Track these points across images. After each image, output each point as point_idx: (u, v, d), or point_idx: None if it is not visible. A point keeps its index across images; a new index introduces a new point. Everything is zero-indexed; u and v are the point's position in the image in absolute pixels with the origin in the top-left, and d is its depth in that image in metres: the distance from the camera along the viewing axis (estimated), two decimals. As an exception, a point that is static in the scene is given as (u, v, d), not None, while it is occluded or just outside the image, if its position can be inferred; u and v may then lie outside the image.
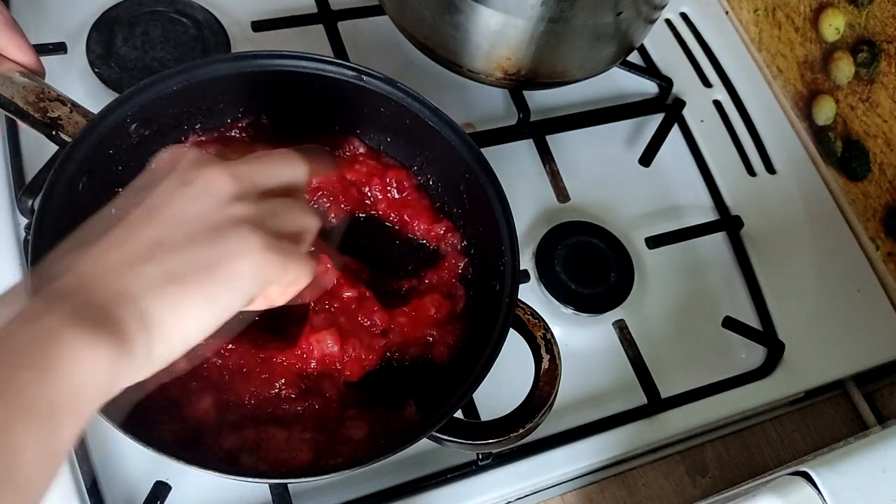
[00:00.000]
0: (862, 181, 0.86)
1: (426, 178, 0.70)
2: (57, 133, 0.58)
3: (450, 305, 0.64)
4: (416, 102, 0.65)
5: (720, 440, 0.75)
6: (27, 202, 0.66)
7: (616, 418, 0.71)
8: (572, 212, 0.80)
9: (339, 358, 0.59)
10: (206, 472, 0.51)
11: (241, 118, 0.67)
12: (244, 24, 0.83)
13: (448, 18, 0.72)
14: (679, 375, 0.74)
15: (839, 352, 0.79)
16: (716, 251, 0.82)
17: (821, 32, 0.87)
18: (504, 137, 0.82)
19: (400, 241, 0.68)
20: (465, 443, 0.56)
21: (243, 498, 0.62)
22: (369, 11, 0.85)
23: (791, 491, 0.55)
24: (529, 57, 0.74)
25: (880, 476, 0.55)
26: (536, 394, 0.58)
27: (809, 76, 0.90)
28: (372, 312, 0.61)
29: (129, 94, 0.61)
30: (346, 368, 0.59)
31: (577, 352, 0.74)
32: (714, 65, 0.94)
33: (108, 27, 0.78)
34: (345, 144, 0.69)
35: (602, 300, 0.74)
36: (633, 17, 0.74)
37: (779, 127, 0.92)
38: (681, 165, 0.87)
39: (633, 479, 0.72)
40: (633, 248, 0.78)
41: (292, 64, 0.65)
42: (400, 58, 0.83)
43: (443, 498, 0.66)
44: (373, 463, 0.53)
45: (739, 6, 0.97)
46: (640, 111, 0.88)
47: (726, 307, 0.79)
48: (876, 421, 0.79)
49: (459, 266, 0.66)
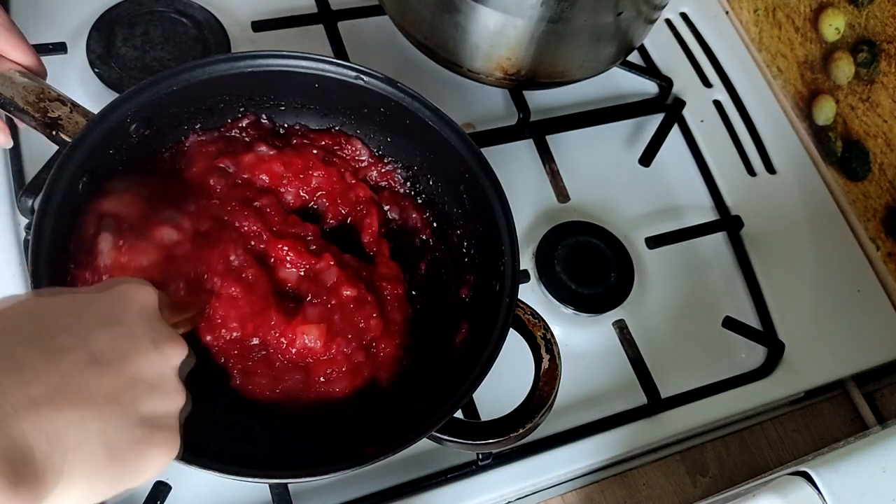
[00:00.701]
0: (862, 181, 0.86)
1: (426, 178, 0.70)
2: (57, 133, 0.58)
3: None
4: (416, 102, 0.65)
5: (720, 440, 0.75)
6: (27, 202, 0.66)
7: (616, 418, 0.71)
8: (572, 212, 0.80)
9: (322, 353, 0.59)
10: (206, 472, 0.51)
11: (241, 118, 0.67)
12: (244, 24, 0.83)
13: (448, 18, 0.72)
14: (679, 375, 0.74)
15: (839, 352, 0.79)
16: (716, 251, 0.82)
17: (821, 32, 0.87)
18: (504, 137, 0.82)
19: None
20: (465, 443, 0.56)
21: (243, 498, 0.63)
22: (369, 11, 0.85)
23: (791, 491, 0.55)
24: (529, 57, 0.74)
25: (880, 476, 0.55)
26: (536, 394, 0.58)
27: (809, 76, 0.90)
28: (369, 317, 0.61)
29: (129, 94, 0.61)
30: (334, 385, 0.59)
31: (577, 352, 0.74)
32: (714, 65, 0.94)
33: (108, 27, 0.78)
34: (345, 145, 0.69)
35: (602, 300, 0.74)
36: (633, 17, 0.74)
37: (779, 127, 0.92)
38: (681, 165, 0.87)
39: (634, 479, 0.72)
40: (633, 248, 0.78)
41: (292, 64, 0.65)
42: (400, 58, 0.83)
43: (443, 498, 0.66)
44: (373, 463, 0.53)
45: (739, 6, 0.97)
46: (640, 111, 0.88)
47: (726, 307, 0.79)
48: (876, 421, 0.79)
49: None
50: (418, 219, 0.69)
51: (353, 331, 0.60)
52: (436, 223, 0.70)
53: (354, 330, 0.60)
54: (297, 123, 0.69)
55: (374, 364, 0.61)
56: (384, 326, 0.61)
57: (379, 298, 0.62)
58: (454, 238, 0.68)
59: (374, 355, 0.61)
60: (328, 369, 0.59)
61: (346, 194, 0.67)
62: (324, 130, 0.69)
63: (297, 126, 0.69)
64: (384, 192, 0.69)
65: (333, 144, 0.69)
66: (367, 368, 0.60)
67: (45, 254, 0.54)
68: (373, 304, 0.61)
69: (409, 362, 0.63)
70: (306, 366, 0.59)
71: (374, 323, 0.61)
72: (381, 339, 0.61)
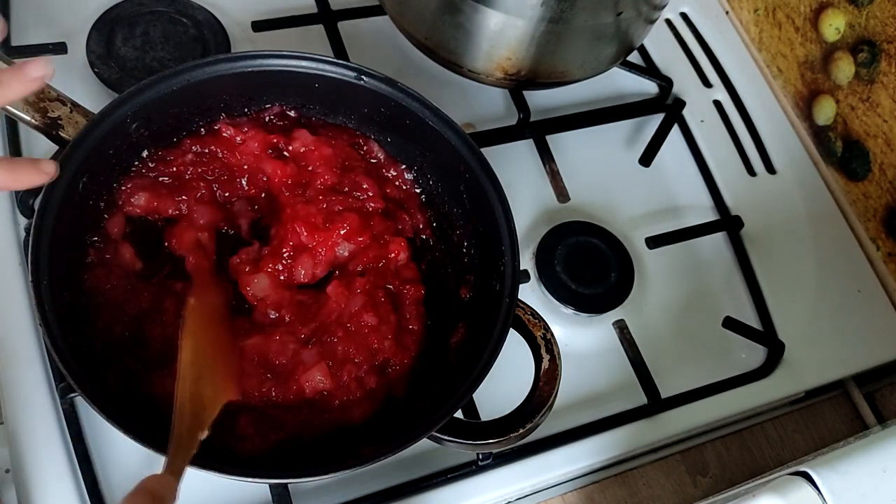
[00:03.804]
0: (862, 181, 0.86)
1: (426, 178, 0.70)
2: (57, 133, 0.58)
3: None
4: (416, 102, 0.65)
5: (720, 440, 0.75)
6: (27, 202, 0.66)
7: (616, 418, 0.71)
8: (572, 212, 0.80)
9: (333, 386, 0.59)
10: (207, 472, 0.51)
11: (241, 118, 0.67)
12: (244, 24, 0.83)
13: (448, 18, 0.72)
14: (679, 375, 0.74)
15: (839, 352, 0.79)
16: (716, 251, 0.82)
17: (821, 32, 0.87)
18: (504, 137, 0.82)
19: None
20: (465, 443, 0.56)
21: (243, 498, 0.62)
22: (369, 11, 0.85)
23: (791, 491, 0.55)
24: (529, 57, 0.74)
25: (880, 476, 0.55)
26: (536, 394, 0.58)
27: (809, 76, 0.90)
28: (384, 339, 0.61)
29: (129, 94, 0.61)
30: (351, 412, 0.59)
31: (577, 352, 0.74)
32: (714, 65, 0.94)
33: (108, 27, 0.78)
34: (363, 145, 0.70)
35: (602, 300, 0.74)
36: (633, 17, 0.74)
37: (779, 127, 0.92)
38: (681, 165, 0.87)
39: (634, 479, 0.72)
40: (633, 248, 0.78)
41: (292, 64, 0.65)
42: (400, 58, 0.83)
43: (443, 498, 0.66)
44: (373, 463, 0.53)
45: (739, 6, 0.97)
46: (640, 111, 0.88)
47: (726, 307, 0.79)
48: (876, 421, 0.79)
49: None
50: (419, 219, 0.69)
51: (362, 354, 0.60)
52: (436, 223, 0.70)
53: (365, 354, 0.60)
54: (297, 123, 0.69)
55: (387, 383, 0.61)
56: (400, 340, 0.62)
57: (396, 305, 0.63)
58: (454, 238, 0.68)
59: (388, 375, 0.61)
60: (344, 397, 0.59)
61: (379, 250, 0.66)
62: (323, 130, 0.69)
63: (296, 126, 0.69)
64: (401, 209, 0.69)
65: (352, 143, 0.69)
66: (382, 390, 0.61)
67: (45, 254, 0.54)
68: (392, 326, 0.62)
69: (419, 366, 0.63)
70: (322, 398, 0.59)
71: (389, 345, 0.61)
72: (396, 355, 0.62)
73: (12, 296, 0.66)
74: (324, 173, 0.66)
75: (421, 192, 0.70)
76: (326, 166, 0.66)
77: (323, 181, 0.65)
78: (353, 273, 0.63)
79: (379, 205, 0.66)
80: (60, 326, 0.53)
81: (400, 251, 0.65)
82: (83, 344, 0.56)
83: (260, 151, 0.65)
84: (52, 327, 0.52)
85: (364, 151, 0.69)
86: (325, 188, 0.65)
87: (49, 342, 0.52)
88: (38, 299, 0.53)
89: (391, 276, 0.64)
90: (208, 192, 0.65)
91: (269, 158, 0.66)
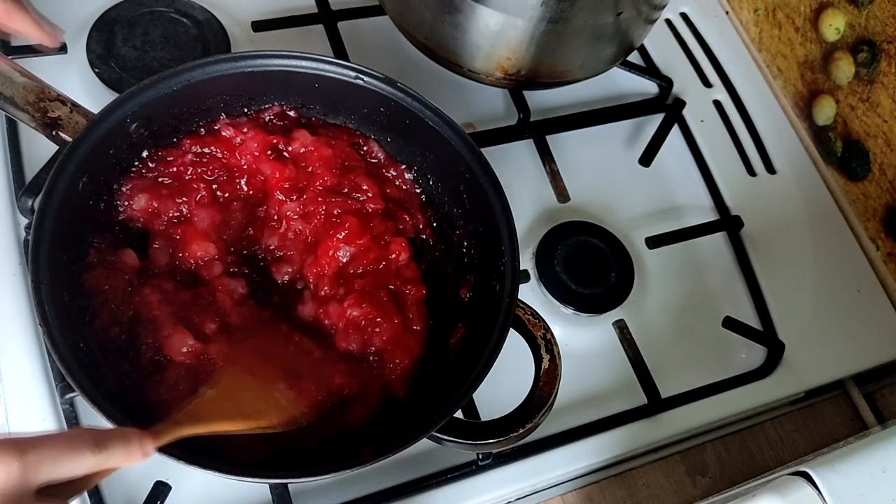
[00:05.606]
0: (862, 181, 0.86)
1: (426, 178, 0.70)
2: (57, 133, 0.58)
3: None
4: (416, 102, 0.65)
5: (720, 440, 0.75)
6: (27, 202, 0.66)
7: (616, 418, 0.71)
8: (572, 212, 0.80)
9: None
10: (206, 472, 0.51)
11: (241, 118, 0.67)
12: (244, 24, 0.83)
13: (448, 18, 0.72)
14: (679, 375, 0.74)
15: (839, 352, 0.79)
16: (716, 251, 0.82)
17: (821, 32, 0.87)
18: (504, 137, 0.82)
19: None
20: (465, 443, 0.56)
21: (243, 498, 0.62)
22: (369, 11, 0.85)
23: (791, 491, 0.55)
24: (529, 57, 0.74)
25: (880, 476, 0.55)
26: (536, 394, 0.58)
27: (809, 76, 0.90)
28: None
29: (129, 94, 0.61)
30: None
31: (577, 352, 0.74)
32: (714, 65, 0.94)
33: (108, 27, 0.78)
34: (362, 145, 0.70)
35: (602, 300, 0.74)
36: (633, 17, 0.74)
37: (779, 127, 0.92)
38: (681, 165, 0.87)
39: (634, 479, 0.72)
40: (633, 248, 0.78)
41: (292, 64, 0.65)
42: (400, 58, 0.83)
43: (443, 498, 0.66)
44: (373, 463, 0.53)
45: (739, 6, 0.97)
46: (640, 111, 0.88)
47: (726, 307, 0.79)
48: (876, 421, 0.79)
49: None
50: (419, 219, 0.69)
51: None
52: (436, 223, 0.70)
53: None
54: (297, 123, 0.69)
55: (385, 378, 0.61)
56: (403, 340, 0.62)
57: (400, 306, 0.63)
58: (454, 238, 0.68)
59: (391, 370, 0.61)
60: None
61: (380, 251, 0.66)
62: (323, 130, 0.69)
63: (296, 126, 0.69)
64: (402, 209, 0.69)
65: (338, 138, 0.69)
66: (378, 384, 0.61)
67: (45, 254, 0.54)
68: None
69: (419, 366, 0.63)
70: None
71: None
72: (395, 354, 0.62)
73: (12, 296, 0.66)
74: (323, 174, 0.66)
75: (421, 192, 0.70)
76: (326, 167, 0.66)
77: (322, 182, 0.65)
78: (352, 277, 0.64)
79: (379, 205, 0.66)
80: (60, 326, 0.53)
81: (401, 251, 0.65)
82: (83, 344, 0.56)
83: (260, 152, 0.65)
84: (52, 327, 0.52)
85: (364, 151, 0.69)
86: (324, 189, 0.65)
87: (49, 342, 0.52)
88: (37, 299, 0.53)
89: (392, 276, 0.64)
90: (208, 193, 0.65)
91: (269, 160, 0.65)
